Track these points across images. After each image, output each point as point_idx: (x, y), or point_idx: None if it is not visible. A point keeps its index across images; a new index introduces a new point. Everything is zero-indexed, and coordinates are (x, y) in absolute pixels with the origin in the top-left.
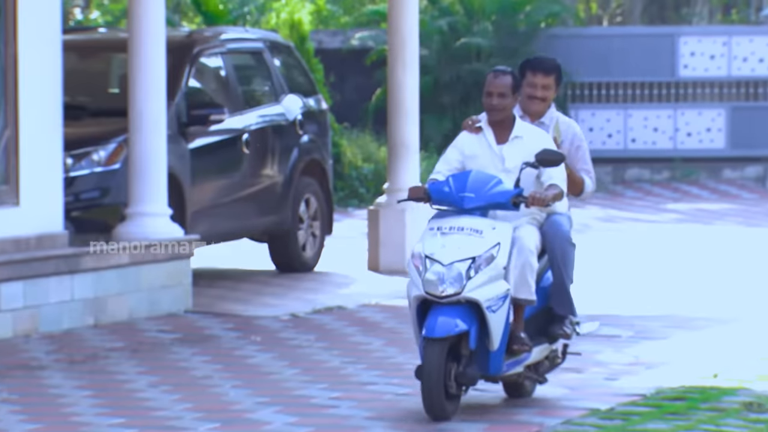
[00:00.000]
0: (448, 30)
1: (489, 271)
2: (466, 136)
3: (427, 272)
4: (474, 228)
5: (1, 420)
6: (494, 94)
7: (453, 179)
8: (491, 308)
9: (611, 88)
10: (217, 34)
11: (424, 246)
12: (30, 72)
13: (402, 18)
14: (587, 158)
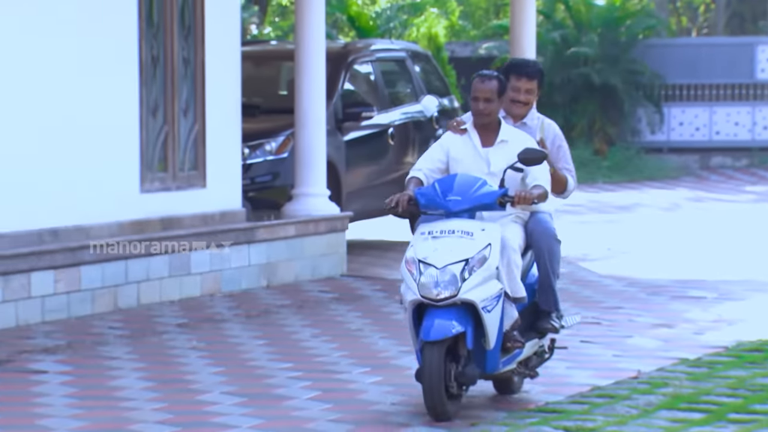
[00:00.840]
0: (560, 41)
1: (482, 272)
2: (452, 137)
3: (421, 276)
4: (464, 230)
5: (191, 364)
6: (480, 99)
7: (438, 183)
8: (486, 308)
9: (698, 89)
10: (367, 45)
11: (417, 251)
12: (214, 77)
13: (522, 31)
14: (568, 157)
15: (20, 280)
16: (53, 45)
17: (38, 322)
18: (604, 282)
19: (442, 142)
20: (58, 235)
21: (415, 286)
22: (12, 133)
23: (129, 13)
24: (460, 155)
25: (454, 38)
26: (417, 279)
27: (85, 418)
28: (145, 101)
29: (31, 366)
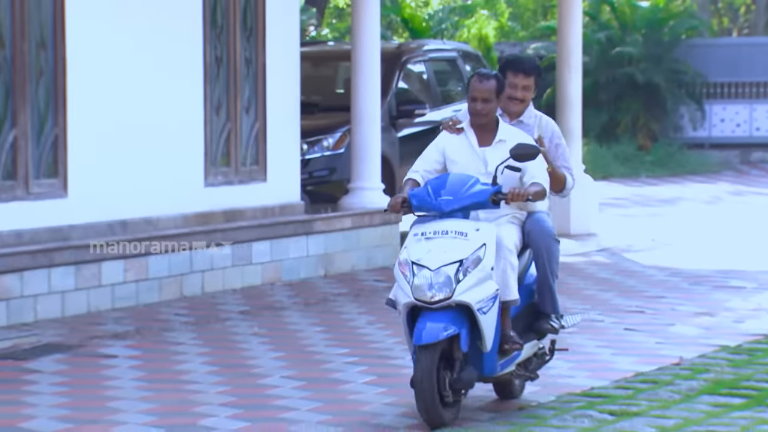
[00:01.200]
0: (605, 41)
1: (477, 273)
2: (448, 136)
3: (414, 278)
4: (458, 230)
5: (252, 349)
6: (479, 99)
7: (430, 184)
8: (482, 310)
9: (739, 86)
10: (420, 45)
11: (410, 252)
12: (275, 76)
13: (568, 32)
14: (566, 155)
15: (91, 269)
16: (127, 47)
17: (108, 309)
18: (648, 272)
19: (438, 142)
20: (127, 226)
21: (409, 288)
22: (90, 130)
23: (194, 16)
24: (457, 155)
25: (503, 39)
26: (410, 281)
27: (153, 400)
28: (210, 100)
29: (102, 351)
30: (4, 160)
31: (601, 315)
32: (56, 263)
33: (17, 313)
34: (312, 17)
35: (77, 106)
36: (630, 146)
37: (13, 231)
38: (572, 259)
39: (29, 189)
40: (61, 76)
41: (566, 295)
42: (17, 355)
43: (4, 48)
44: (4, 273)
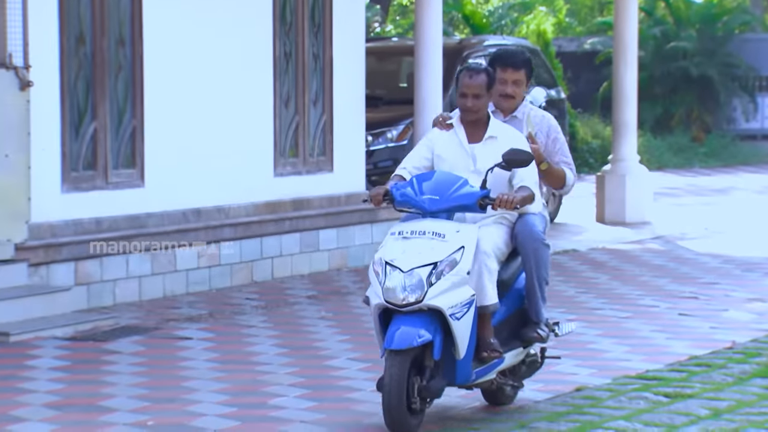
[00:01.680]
0: (660, 36)
1: (452, 277)
2: (437, 133)
3: (387, 279)
4: (436, 231)
5: (319, 332)
6: (469, 95)
7: (416, 180)
8: (455, 315)
9: None
10: (481, 41)
11: (385, 252)
12: (341, 71)
13: (624, 27)
14: (566, 150)
15: (167, 256)
16: (201, 43)
17: (183, 293)
18: (702, 259)
19: (427, 138)
20: (200, 215)
21: (380, 289)
22: (166, 122)
23: (265, 13)
24: (445, 152)
25: (561, 34)
26: (382, 282)
27: (225, 380)
28: (279, 93)
29: (177, 333)
30: (84, 152)
31: (574, 324)
32: (134, 249)
33: (97, 297)
34: (377, 14)
35: (154, 99)
36: (684, 138)
37: (93, 219)
38: (627, 246)
39: (108, 179)
40: (139, 71)
41: (621, 281)
42: (97, 337)
43: (84, 45)
44: (85, 259)
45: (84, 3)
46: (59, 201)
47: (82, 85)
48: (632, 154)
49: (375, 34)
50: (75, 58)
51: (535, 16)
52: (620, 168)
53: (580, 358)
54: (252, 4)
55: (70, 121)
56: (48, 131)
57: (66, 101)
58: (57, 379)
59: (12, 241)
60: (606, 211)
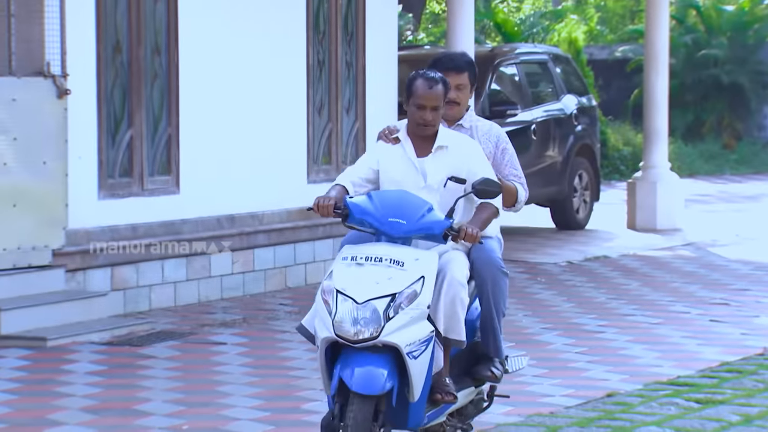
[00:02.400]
0: (691, 44)
1: (411, 311)
2: (383, 146)
3: (338, 310)
4: (394, 258)
5: None
6: (427, 107)
7: (378, 199)
8: (412, 354)
9: None
10: (512, 49)
11: (336, 279)
12: (373, 79)
13: (655, 35)
14: (515, 162)
15: (202, 262)
16: (235, 52)
17: (217, 298)
18: (733, 266)
19: (373, 151)
20: (234, 221)
21: (330, 321)
22: (201, 130)
23: (298, 22)
24: (392, 167)
25: (592, 42)
26: (332, 313)
27: (259, 385)
28: (312, 101)
29: (211, 338)
30: (121, 159)
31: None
32: (169, 255)
33: (133, 302)
34: (409, 22)
35: (189, 107)
36: (715, 145)
37: (129, 225)
38: (659, 253)
39: (144, 186)
40: (174, 79)
41: (652, 287)
42: (133, 342)
43: (121, 53)
44: (122, 264)
45: (120, 12)
46: (96, 207)
47: (118, 93)
48: (663, 161)
49: (407, 42)
50: (112, 67)
51: (566, 24)
52: (651, 175)
53: (612, 364)
54: (286, 12)
55: (106, 128)
56: (85, 139)
57: (103, 109)
58: (93, 384)
59: (49, 247)
60: (637, 218)
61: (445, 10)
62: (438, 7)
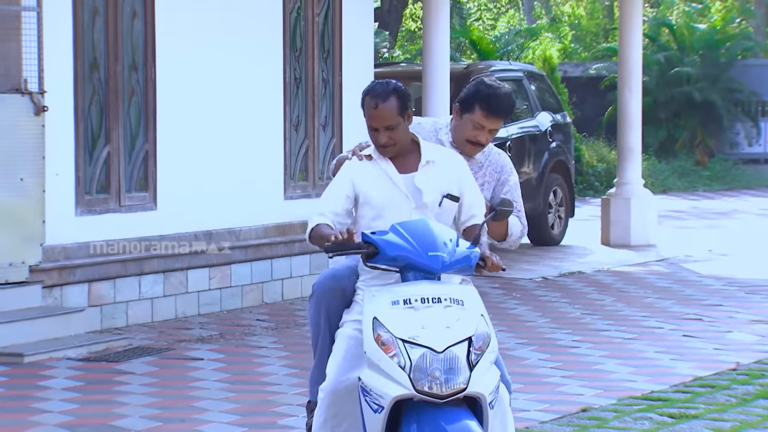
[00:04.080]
0: (664, 61)
1: (489, 355)
2: (357, 165)
3: (413, 364)
4: (452, 296)
5: None
6: (380, 128)
7: (407, 231)
8: (492, 403)
9: None
10: (488, 66)
11: (393, 326)
12: (350, 96)
13: (629, 53)
14: (516, 194)
15: (179, 277)
16: (213, 68)
17: (194, 314)
18: (706, 281)
19: (345, 174)
20: (211, 237)
21: (404, 375)
22: (178, 146)
23: (275, 39)
24: (372, 188)
25: (566, 60)
26: (406, 366)
27: (235, 400)
28: (289, 117)
29: (188, 354)
30: (98, 175)
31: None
32: (146, 271)
33: (110, 318)
34: (385, 40)
35: (166, 123)
36: (688, 161)
37: (106, 241)
38: (632, 268)
39: (121, 202)
40: (152, 95)
41: (626, 303)
42: (110, 358)
43: (98, 70)
44: (99, 280)
45: (98, 29)
46: (73, 224)
47: (95, 110)
48: (637, 177)
49: (383, 59)
50: (89, 83)
51: (540, 42)
52: (625, 191)
53: (586, 379)
54: (263, 30)
55: (84, 145)
56: (62, 155)
57: (80, 126)
58: (70, 400)
59: (26, 263)
60: (611, 234)
61: (421, 28)
62: (414, 24)
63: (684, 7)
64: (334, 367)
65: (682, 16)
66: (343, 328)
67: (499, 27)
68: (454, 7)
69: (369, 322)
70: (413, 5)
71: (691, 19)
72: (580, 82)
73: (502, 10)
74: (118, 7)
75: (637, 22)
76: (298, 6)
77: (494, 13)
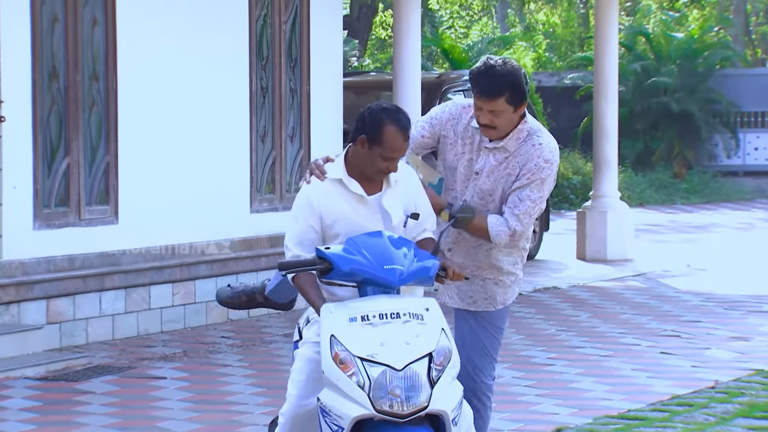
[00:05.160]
0: (641, 71)
1: (451, 371)
2: (318, 187)
3: (372, 382)
4: (411, 311)
5: None
6: (396, 159)
7: (362, 245)
8: (455, 420)
9: None
10: (460, 75)
11: (351, 344)
12: (318, 106)
13: (605, 62)
14: (528, 193)
15: (141, 293)
16: (176, 78)
17: (157, 331)
18: (684, 297)
19: (307, 198)
20: (175, 252)
21: (363, 395)
22: (140, 158)
23: (241, 48)
24: (338, 212)
25: (541, 69)
26: (366, 385)
27: (199, 420)
28: (255, 128)
29: (151, 372)
30: (57, 188)
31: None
32: (107, 287)
33: (69, 336)
34: (354, 48)
35: (128, 135)
36: (665, 174)
37: (65, 256)
38: (609, 284)
39: (81, 215)
40: (113, 106)
41: (602, 319)
42: (69, 377)
43: (58, 79)
44: (58, 297)
45: (57, 37)
46: (31, 238)
47: (55, 121)
48: (613, 190)
49: (353, 68)
50: (48, 93)
51: (514, 51)
52: (601, 204)
53: (561, 398)
54: (228, 38)
55: (42, 156)
56: (20, 167)
57: (38, 137)
58: (28, 420)
59: None
60: (587, 248)
61: (391, 36)
62: (384, 32)
63: (661, 16)
64: (295, 390)
65: (659, 25)
66: (303, 349)
67: (472, 35)
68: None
69: (326, 341)
70: (383, 13)
71: (669, 28)
72: (555, 92)
73: (475, 18)
74: (78, 13)
75: (613, 30)
76: (265, 13)
77: (467, 21)
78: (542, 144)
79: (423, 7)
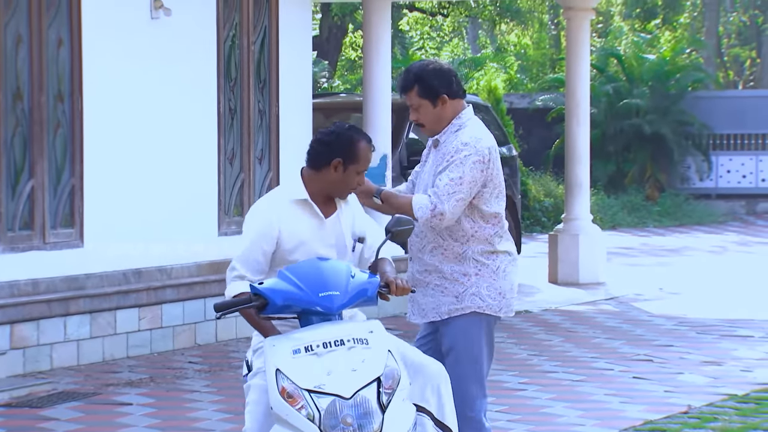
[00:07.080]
0: (613, 93)
1: (401, 393)
2: (279, 207)
3: (322, 414)
4: (355, 336)
5: None
6: (362, 173)
7: (295, 275)
8: None
9: (745, 138)
10: None
11: (297, 377)
12: (288, 127)
13: (576, 84)
14: (447, 175)
15: (107, 318)
16: (143, 99)
17: (123, 357)
18: (656, 321)
19: (269, 221)
20: (141, 276)
21: (314, 427)
22: (106, 181)
23: (209, 69)
24: (302, 237)
25: (512, 90)
26: (315, 417)
27: None
28: (223, 150)
29: (116, 398)
30: (21, 211)
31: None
32: (72, 312)
33: (33, 362)
34: (324, 69)
35: (94, 156)
36: (637, 196)
37: (29, 280)
38: (581, 307)
39: (46, 239)
40: (78, 127)
41: (574, 343)
42: (33, 403)
43: (22, 100)
44: (21, 322)
45: (21, 57)
46: None
47: (19, 142)
48: (585, 213)
49: (322, 89)
50: (12, 114)
51: (485, 73)
52: (573, 227)
53: (533, 423)
54: (196, 59)
55: (6, 179)
56: None
57: (2, 158)
58: None
59: None
60: (559, 272)
61: (361, 57)
62: (354, 53)
63: (633, 38)
64: (254, 423)
65: (631, 47)
66: (257, 379)
67: (443, 56)
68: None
69: (272, 375)
70: (353, 33)
71: (640, 50)
72: (527, 114)
73: (446, 39)
74: (43, 34)
75: (585, 52)
76: (233, 34)
77: (437, 42)
78: (464, 131)
79: (393, 28)
